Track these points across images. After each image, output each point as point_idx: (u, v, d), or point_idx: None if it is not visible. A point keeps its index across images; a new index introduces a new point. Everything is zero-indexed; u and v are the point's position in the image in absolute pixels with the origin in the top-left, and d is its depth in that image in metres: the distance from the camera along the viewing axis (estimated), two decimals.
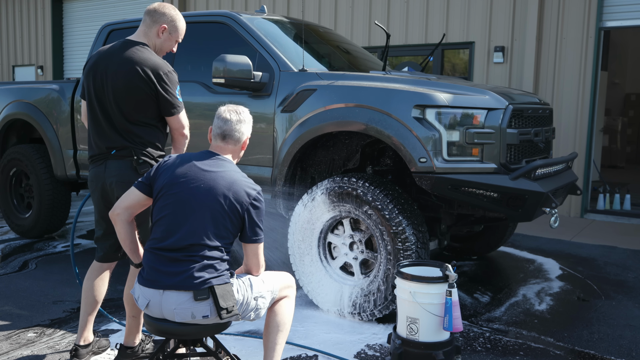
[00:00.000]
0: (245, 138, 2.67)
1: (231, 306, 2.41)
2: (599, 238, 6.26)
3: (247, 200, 2.49)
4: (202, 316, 2.40)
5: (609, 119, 11.24)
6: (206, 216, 2.44)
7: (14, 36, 13.63)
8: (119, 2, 12.01)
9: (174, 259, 2.42)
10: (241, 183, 2.52)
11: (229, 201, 2.46)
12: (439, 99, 3.49)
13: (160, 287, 2.41)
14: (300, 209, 3.88)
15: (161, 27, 3.00)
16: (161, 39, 3.02)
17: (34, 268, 4.89)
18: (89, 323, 3.10)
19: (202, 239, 2.43)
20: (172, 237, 2.44)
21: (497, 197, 3.51)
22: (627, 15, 7.07)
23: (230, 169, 2.56)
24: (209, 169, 2.52)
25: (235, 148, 2.65)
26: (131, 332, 3.07)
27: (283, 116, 4.00)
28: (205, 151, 2.63)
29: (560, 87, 7.38)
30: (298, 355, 3.26)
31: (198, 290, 2.37)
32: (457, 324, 2.79)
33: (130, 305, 3.02)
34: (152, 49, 3.02)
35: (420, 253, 3.55)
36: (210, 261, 2.42)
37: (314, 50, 4.70)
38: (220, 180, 2.49)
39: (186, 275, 2.38)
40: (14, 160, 5.79)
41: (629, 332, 3.72)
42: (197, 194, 2.47)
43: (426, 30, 8.34)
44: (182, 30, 3.09)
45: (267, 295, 2.64)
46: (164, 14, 3.00)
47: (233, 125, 2.60)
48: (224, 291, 2.42)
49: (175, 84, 2.96)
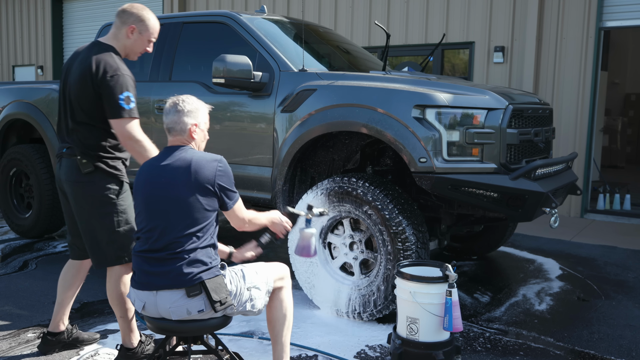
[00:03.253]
0: (190, 126, 2.62)
1: (224, 298, 2.46)
2: (599, 238, 6.26)
3: (213, 174, 2.51)
4: (197, 311, 2.43)
5: (609, 119, 11.24)
6: (175, 208, 2.47)
7: (14, 36, 13.63)
8: (119, 2, 12.00)
9: (160, 259, 2.44)
10: (199, 160, 2.52)
11: (194, 182, 2.48)
12: (439, 99, 3.49)
13: (152, 288, 2.44)
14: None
15: (130, 27, 2.98)
16: (131, 39, 3.00)
17: (34, 268, 4.89)
18: (58, 312, 3.22)
19: (179, 233, 2.44)
20: (151, 238, 2.47)
21: (497, 197, 3.51)
22: (627, 15, 7.07)
23: (184, 153, 2.56)
24: (165, 162, 2.55)
25: (183, 138, 2.63)
26: (126, 333, 3.07)
27: (283, 116, 4.00)
28: (163, 149, 2.66)
29: (560, 87, 7.38)
30: (298, 355, 3.26)
31: (190, 286, 2.41)
32: (457, 324, 2.79)
33: (116, 307, 3.03)
34: (122, 50, 3.01)
35: (420, 253, 3.55)
36: (195, 254, 2.44)
37: (314, 50, 4.70)
38: (178, 167, 2.51)
39: (176, 273, 2.41)
40: (14, 160, 5.79)
41: (629, 332, 3.72)
42: (159, 188, 2.51)
43: (426, 30, 8.34)
44: (153, 29, 3.04)
45: (262, 286, 2.66)
46: (132, 14, 2.98)
47: (172, 117, 2.62)
48: (215, 284, 2.45)
49: (121, 87, 2.86)
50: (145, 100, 4.78)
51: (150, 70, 4.90)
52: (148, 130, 4.77)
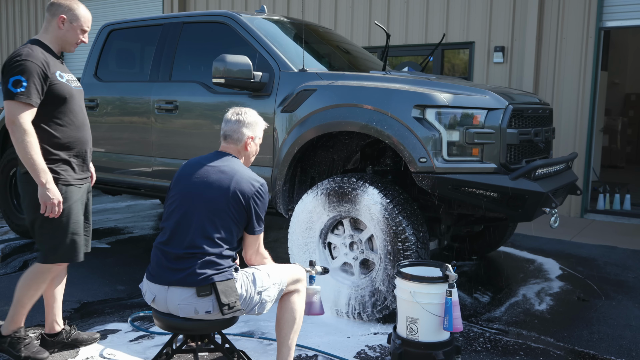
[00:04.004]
0: (246, 138, 2.75)
1: (233, 302, 2.48)
2: (599, 238, 6.26)
3: (250, 193, 2.57)
4: (205, 312, 2.46)
5: (609, 119, 11.23)
6: (207, 210, 2.53)
7: (14, 36, 13.62)
8: (119, 2, 12.01)
9: (178, 256, 2.50)
10: (244, 175, 2.60)
11: (231, 193, 2.54)
12: (439, 99, 3.49)
13: (165, 283, 2.49)
14: (300, 208, 3.88)
15: (60, 18, 3.00)
16: (63, 30, 3.01)
17: None
18: (48, 314, 3.25)
19: (204, 235, 2.50)
20: (175, 233, 2.53)
21: (497, 197, 3.51)
22: (627, 15, 7.06)
23: (233, 163, 2.66)
24: (212, 164, 2.64)
25: (237, 147, 2.75)
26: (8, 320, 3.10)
27: (283, 116, 4.00)
28: (214, 152, 2.76)
29: (560, 87, 7.38)
30: (298, 355, 3.26)
31: (201, 286, 2.44)
32: (457, 324, 2.79)
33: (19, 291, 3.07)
34: (55, 42, 3.03)
35: (420, 253, 3.55)
36: (212, 257, 2.48)
37: (314, 50, 4.70)
38: (223, 173, 2.59)
39: (189, 272, 2.45)
40: (14, 160, 5.78)
41: (629, 332, 3.72)
42: (198, 186, 2.58)
43: (426, 30, 8.34)
44: (84, 18, 3.05)
45: (273, 288, 2.66)
46: (60, 4, 3.01)
47: (231, 125, 2.73)
48: (226, 287, 2.47)
49: (14, 71, 2.81)
50: (145, 100, 4.78)
51: (150, 70, 4.90)
52: (148, 130, 4.79)
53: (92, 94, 5.20)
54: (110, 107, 5.08)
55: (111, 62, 5.39)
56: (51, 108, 2.94)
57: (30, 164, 2.80)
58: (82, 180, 3.11)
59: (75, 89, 3.07)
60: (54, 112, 2.95)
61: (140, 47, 5.39)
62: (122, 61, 5.50)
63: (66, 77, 3.02)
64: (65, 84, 2.98)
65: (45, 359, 3.12)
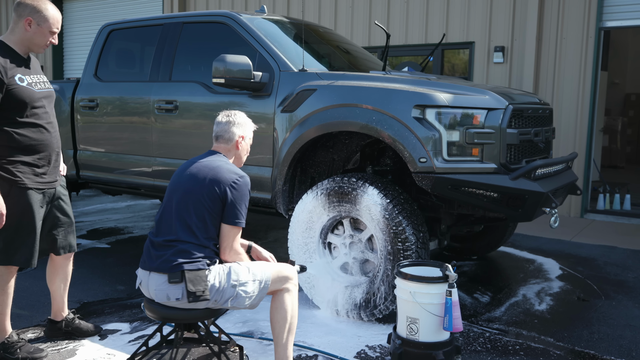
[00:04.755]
0: (237, 137, 2.87)
1: (200, 291, 2.56)
2: (599, 238, 6.26)
3: (226, 183, 2.67)
4: (175, 298, 2.58)
5: (609, 119, 11.24)
6: (185, 200, 2.67)
7: None
8: (119, 2, 12.01)
9: (158, 244, 2.67)
10: (223, 169, 2.72)
11: (207, 182, 2.67)
12: (439, 99, 3.49)
13: (147, 268, 2.67)
14: (300, 209, 3.88)
15: (26, 20, 2.89)
16: (30, 32, 2.91)
17: (34, 268, 4.87)
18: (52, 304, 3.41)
19: (180, 224, 2.65)
20: (160, 225, 2.73)
21: (497, 197, 3.51)
22: (627, 15, 7.06)
23: (218, 159, 2.79)
24: (200, 161, 2.79)
25: (228, 147, 2.89)
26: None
27: (283, 116, 4.00)
28: (206, 151, 2.89)
29: (560, 87, 7.38)
30: (298, 355, 3.26)
31: (172, 273, 2.56)
32: (457, 324, 2.79)
33: None
34: (20, 43, 2.93)
35: (420, 253, 3.55)
36: (186, 246, 2.61)
37: (314, 50, 4.70)
38: (206, 167, 2.73)
39: (164, 259, 2.60)
40: None
41: (629, 332, 3.72)
42: (183, 180, 2.75)
43: (426, 30, 8.34)
44: (53, 20, 2.93)
45: (252, 284, 2.69)
46: (27, 6, 2.89)
47: (222, 126, 2.88)
48: (195, 276, 2.57)
49: None
50: (145, 100, 4.78)
51: (150, 70, 4.90)
52: (148, 130, 4.79)
53: (92, 94, 5.21)
54: (110, 107, 5.09)
55: (111, 62, 5.40)
56: (11, 112, 2.86)
57: None
58: (46, 184, 3.03)
59: (40, 91, 2.97)
60: (14, 116, 2.87)
61: (140, 47, 5.39)
62: (122, 61, 5.51)
63: (27, 81, 2.92)
64: (24, 87, 2.88)
65: (44, 357, 3.13)
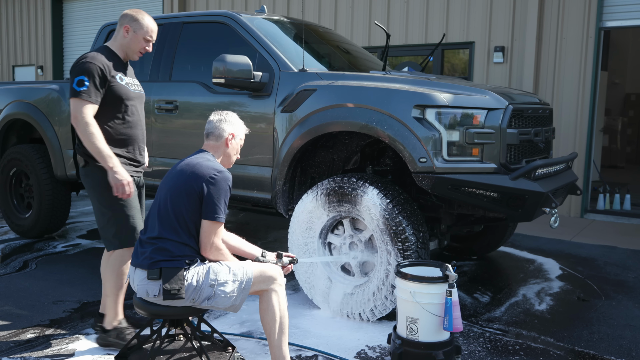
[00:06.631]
0: (227, 134, 2.88)
1: (175, 289, 2.59)
2: (599, 238, 6.26)
3: (203, 178, 2.68)
4: (153, 295, 2.61)
5: (609, 119, 11.24)
6: (165, 198, 2.71)
7: (14, 36, 13.63)
8: (119, 2, 12.01)
9: (144, 241, 2.73)
10: (203, 165, 2.74)
11: (185, 178, 2.69)
12: (439, 99, 3.49)
13: (133, 264, 2.75)
14: (300, 209, 3.88)
15: (125, 27, 3.26)
16: (127, 38, 3.27)
17: (34, 268, 4.89)
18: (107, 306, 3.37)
19: (161, 222, 2.69)
20: (147, 222, 2.80)
21: (497, 197, 3.51)
22: (627, 15, 7.07)
23: (204, 156, 2.81)
24: (188, 159, 2.80)
25: (217, 144, 2.89)
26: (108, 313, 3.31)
27: (283, 116, 4.00)
28: (196, 150, 2.92)
29: (560, 87, 7.38)
30: (298, 355, 3.26)
31: (150, 270, 2.61)
32: (457, 324, 2.79)
33: (106, 283, 3.30)
34: (120, 49, 3.30)
35: (420, 253, 3.55)
36: (166, 244, 2.64)
37: (314, 50, 4.70)
38: (188, 165, 2.76)
39: (145, 256, 2.66)
40: (14, 160, 5.79)
41: (629, 332, 3.72)
42: (167, 178, 2.80)
43: (426, 30, 8.34)
44: (148, 28, 3.27)
45: (232, 284, 2.69)
46: (126, 15, 3.28)
47: (213, 123, 2.89)
48: (172, 274, 2.60)
49: (78, 72, 3.10)
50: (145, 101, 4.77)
51: (150, 70, 4.90)
52: (148, 130, 4.78)
53: None
54: None
55: None
56: (110, 107, 3.19)
57: (97, 152, 3.07)
58: (135, 172, 3.35)
59: (134, 92, 3.32)
60: (112, 112, 3.20)
61: None
62: None
63: (126, 81, 3.28)
64: (122, 85, 3.23)
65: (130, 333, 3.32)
